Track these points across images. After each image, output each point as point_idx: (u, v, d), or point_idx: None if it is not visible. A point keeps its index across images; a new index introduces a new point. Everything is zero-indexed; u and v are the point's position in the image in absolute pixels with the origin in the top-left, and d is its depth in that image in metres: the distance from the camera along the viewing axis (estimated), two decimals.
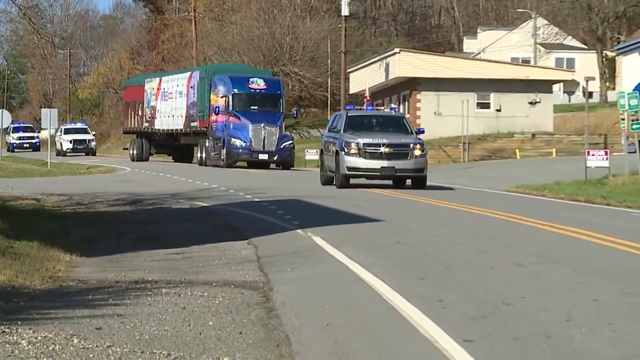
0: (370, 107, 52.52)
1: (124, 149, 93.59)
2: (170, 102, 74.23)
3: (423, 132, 50.52)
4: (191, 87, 70.93)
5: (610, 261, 19.70)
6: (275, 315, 13.75)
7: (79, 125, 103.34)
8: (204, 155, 68.22)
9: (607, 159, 43.33)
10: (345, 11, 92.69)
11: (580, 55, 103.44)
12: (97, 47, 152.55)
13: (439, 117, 72.85)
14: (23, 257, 17.57)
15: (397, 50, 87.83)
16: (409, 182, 47.11)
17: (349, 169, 43.67)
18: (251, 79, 64.18)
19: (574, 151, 61.30)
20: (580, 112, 75.86)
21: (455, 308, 14.09)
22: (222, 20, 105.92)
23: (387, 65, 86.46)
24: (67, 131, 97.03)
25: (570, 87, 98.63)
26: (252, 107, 62.87)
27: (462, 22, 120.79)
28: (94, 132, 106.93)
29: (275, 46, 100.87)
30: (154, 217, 28.81)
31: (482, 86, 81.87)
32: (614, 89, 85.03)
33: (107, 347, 11.22)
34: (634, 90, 46.31)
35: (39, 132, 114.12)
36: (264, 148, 60.17)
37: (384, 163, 44.05)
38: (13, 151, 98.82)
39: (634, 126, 42.56)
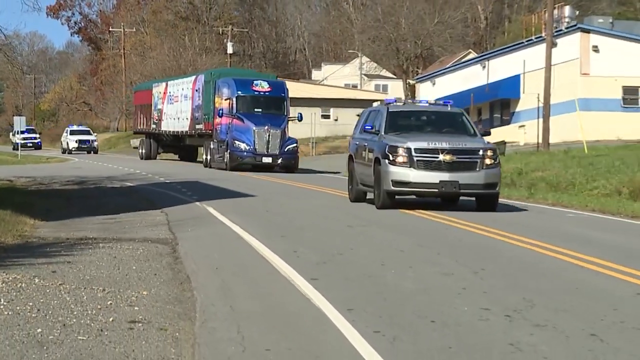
0: (424, 101, 30.15)
1: (134, 147, 78.21)
2: (176, 105, 58.34)
3: (489, 134, 27.64)
4: (196, 90, 54.68)
5: (410, 223, 19.87)
6: (180, 262, 13.73)
7: (82, 127, 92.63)
8: (209, 157, 51.07)
9: None
10: (230, 50, 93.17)
11: (391, 82, 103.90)
12: (54, 73, 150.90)
13: (296, 125, 72.95)
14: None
15: None
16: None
17: (396, 183, 22.78)
18: (255, 82, 48.17)
19: None
20: None
21: (305, 257, 14.19)
22: (143, 56, 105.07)
23: None
24: (73, 132, 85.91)
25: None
26: (256, 110, 47.02)
27: (311, 58, 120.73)
28: (39, 134, 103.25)
29: (182, 74, 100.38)
30: (94, 193, 28.58)
31: (325, 103, 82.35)
32: None
33: (59, 284, 11.12)
34: None
35: (39, 133, 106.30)
36: (267, 151, 45.06)
37: (444, 176, 22.77)
38: (18, 149, 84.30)
39: None
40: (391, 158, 22.29)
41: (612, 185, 30.04)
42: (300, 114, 50.17)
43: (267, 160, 44.34)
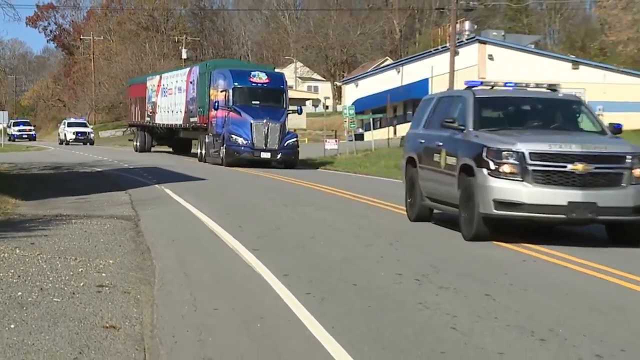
0: (511, 84, 15.31)
1: (129, 140, 68.31)
2: (169, 97, 48.67)
3: (620, 128, 14.77)
4: (190, 82, 44.94)
5: (337, 202, 19.85)
6: (141, 235, 13.61)
7: (80, 120, 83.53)
8: (203, 151, 41.69)
9: (336, 144, 44.97)
10: (184, 55, 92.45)
11: (321, 84, 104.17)
12: (33, 74, 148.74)
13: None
14: None
15: None
16: None
17: (501, 204, 12.87)
18: (252, 73, 39.32)
19: (318, 140, 61.58)
20: (321, 117, 76.31)
21: (248, 231, 14.14)
22: (109, 60, 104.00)
23: None
24: (70, 124, 77.33)
25: (316, 102, 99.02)
26: (253, 102, 38.01)
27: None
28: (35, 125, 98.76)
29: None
30: (68, 177, 28.18)
31: None
32: (340, 104, 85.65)
33: (37, 254, 10.94)
34: (351, 105, 51.67)
35: (34, 126, 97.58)
36: (266, 146, 36.42)
37: (575, 194, 12.67)
38: (14, 141, 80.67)
39: (351, 125, 45.07)
40: (493, 166, 13.07)
41: None
42: (300, 107, 41.21)
43: (266, 155, 35.38)
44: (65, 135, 75.33)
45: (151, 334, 7.46)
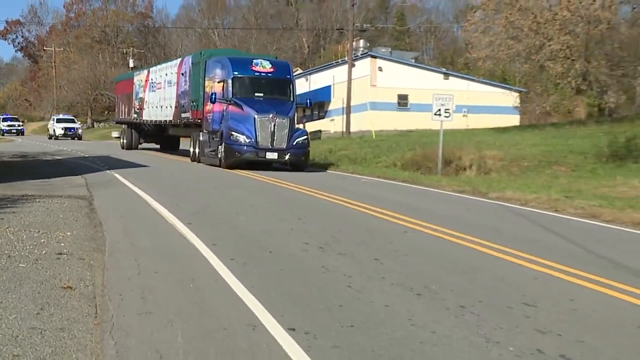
0: None
1: (115, 137, 57.30)
2: (158, 92, 37.79)
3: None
4: (182, 74, 33.92)
5: (261, 185, 19.80)
6: (95, 212, 13.34)
7: (68, 116, 73.95)
8: (197, 150, 30.70)
9: None
10: (131, 64, 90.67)
11: None
12: (3, 78, 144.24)
13: None
14: None
15: None
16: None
17: None
18: (254, 61, 29.19)
19: None
20: None
21: (184, 208, 13.95)
22: (68, 67, 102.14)
23: None
24: (59, 120, 68.74)
25: None
26: (256, 94, 27.75)
27: None
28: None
29: (97, 81, 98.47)
30: (32, 164, 27.49)
31: None
32: None
33: (5, 228, 10.68)
34: None
35: (22, 121, 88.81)
36: (272, 145, 26.32)
37: None
38: (3, 135, 73.76)
39: None
40: None
41: (390, 160, 30.66)
42: (309, 99, 29.70)
43: (272, 155, 25.47)
44: (54, 130, 67.57)
45: (102, 292, 7.34)
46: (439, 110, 25.18)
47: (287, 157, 25.52)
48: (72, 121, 70.33)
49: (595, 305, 7.33)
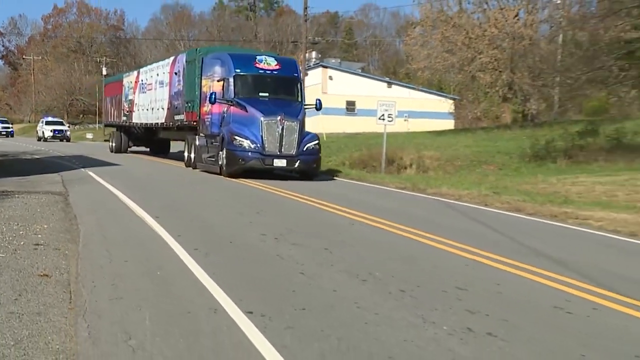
0: None
1: (104, 140, 50.11)
2: (149, 94, 32.22)
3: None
4: (175, 73, 28.13)
5: (220, 182, 19.68)
6: (70, 206, 13.13)
7: (56, 119, 68.58)
8: (192, 155, 24.64)
9: None
10: (104, 72, 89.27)
11: None
12: None
13: None
14: None
15: None
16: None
17: None
18: (258, 57, 22.46)
19: None
20: None
21: (153, 203, 13.80)
22: (46, 74, 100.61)
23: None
24: (48, 123, 63.33)
25: None
26: (261, 94, 21.28)
27: None
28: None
29: (72, 87, 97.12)
30: (13, 162, 26.92)
31: None
32: None
33: None
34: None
35: (12, 124, 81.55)
36: (280, 150, 20.26)
37: None
38: None
39: None
40: None
41: (339, 159, 30.71)
42: (319, 100, 22.99)
43: (280, 163, 20.51)
44: (43, 132, 62.13)
45: (76, 280, 7.23)
46: (383, 115, 25.29)
47: (296, 164, 20.67)
48: (61, 124, 65.39)
49: (518, 288, 7.43)
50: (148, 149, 37.22)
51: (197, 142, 24.02)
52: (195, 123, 24.86)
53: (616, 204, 15.17)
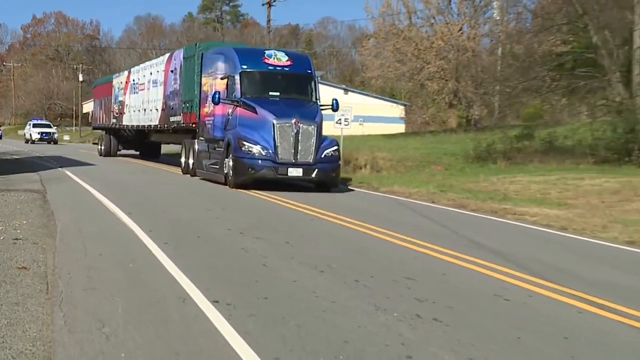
0: None
1: (93, 143, 47.15)
2: (141, 94, 27.43)
3: None
4: (171, 71, 22.90)
5: (189, 181, 19.48)
6: (48, 203, 12.89)
7: (43, 122, 64.54)
8: (190, 161, 20.43)
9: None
10: (80, 78, 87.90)
11: None
12: None
13: None
14: None
15: None
16: None
17: None
18: (267, 52, 17.28)
19: None
20: None
21: (126, 200, 13.63)
22: (25, 80, 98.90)
23: None
24: (36, 125, 59.67)
25: None
26: (271, 94, 16.46)
27: None
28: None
29: (50, 92, 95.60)
30: None
31: None
32: None
33: None
34: None
35: (0, 126, 78.36)
36: (296, 158, 15.66)
37: None
38: None
39: None
40: None
41: None
42: (336, 99, 18.54)
43: (296, 172, 16.70)
44: (31, 134, 58.26)
45: (52, 272, 7.09)
46: (340, 119, 25.31)
47: (314, 174, 16.73)
48: (49, 126, 61.36)
49: (461, 278, 7.51)
50: (138, 152, 33.11)
51: (197, 147, 20.12)
52: (194, 125, 20.85)
53: (549, 201, 15.42)
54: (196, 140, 20.40)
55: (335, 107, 18.17)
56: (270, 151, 16.48)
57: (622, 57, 26.09)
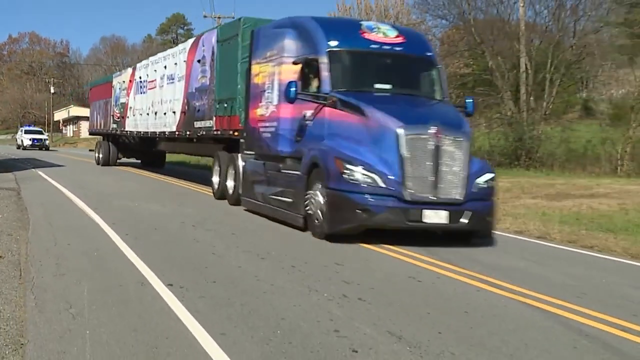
0: None
1: (89, 150, 38.76)
2: (151, 94, 16.55)
3: None
4: (197, 61, 12.19)
5: (150, 183, 19.02)
6: (22, 200, 12.45)
7: (35, 128, 56.64)
8: (231, 183, 10.58)
9: None
10: (52, 90, 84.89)
11: None
12: None
13: None
14: None
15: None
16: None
17: None
18: (366, 24, 6.26)
19: None
20: None
21: (91, 197, 13.25)
22: (2, 92, 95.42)
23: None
24: (27, 132, 51.68)
25: None
26: (378, 87, 5.97)
27: None
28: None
29: (25, 102, 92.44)
30: None
31: None
32: None
33: None
34: None
35: None
36: (435, 193, 5.59)
37: None
38: None
39: None
40: None
41: None
42: (472, 98, 8.86)
43: (437, 218, 7.06)
44: (22, 141, 50.83)
45: (25, 260, 6.83)
46: None
47: (466, 219, 8.21)
48: (40, 132, 53.39)
49: (382, 263, 7.59)
50: (139, 161, 24.97)
51: (243, 165, 11.86)
52: (236, 134, 12.51)
53: None
54: (240, 155, 12.03)
55: (470, 109, 9.58)
56: (395, 180, 8.02)
57: (511, 79, 27.12)
